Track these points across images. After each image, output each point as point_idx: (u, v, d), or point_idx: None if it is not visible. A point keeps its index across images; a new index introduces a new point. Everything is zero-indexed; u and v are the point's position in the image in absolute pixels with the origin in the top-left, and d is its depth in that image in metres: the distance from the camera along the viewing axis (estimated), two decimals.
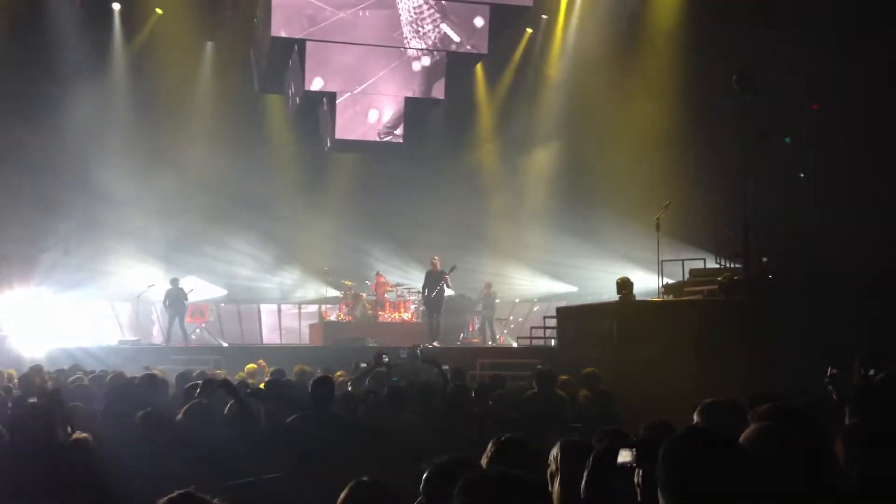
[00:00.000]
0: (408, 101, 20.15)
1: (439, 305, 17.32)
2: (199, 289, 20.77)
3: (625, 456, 2.72)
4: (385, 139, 20.35)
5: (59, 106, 18.79)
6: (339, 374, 9.61)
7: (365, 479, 2.75)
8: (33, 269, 17.99)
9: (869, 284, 10.89)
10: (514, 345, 17.63)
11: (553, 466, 3.20)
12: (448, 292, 17.64)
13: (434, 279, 17.24)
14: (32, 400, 6.44)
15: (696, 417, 4.34)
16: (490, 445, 3.42)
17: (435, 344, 16.35)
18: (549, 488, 3.08)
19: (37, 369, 9.92)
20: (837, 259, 12.01)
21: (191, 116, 21.14)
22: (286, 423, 5.58)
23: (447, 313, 17.79)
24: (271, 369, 9.85)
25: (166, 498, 2.15)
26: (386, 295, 19.89)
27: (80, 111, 19.93)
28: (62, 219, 19.30)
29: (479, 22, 19.40)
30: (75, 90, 19.52)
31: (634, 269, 13.86)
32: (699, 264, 14.11)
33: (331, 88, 19.80)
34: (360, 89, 19.90)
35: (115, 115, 20.61)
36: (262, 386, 7.41)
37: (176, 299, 18.14)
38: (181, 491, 2.17)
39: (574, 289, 21.20)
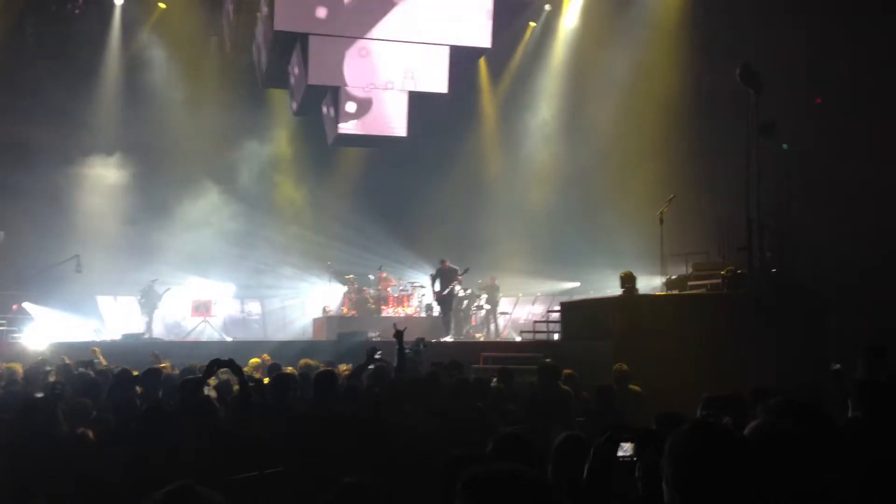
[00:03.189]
0: (411, 94, 20.11)
1: (450, 303, 17.52)
2: (204, 285, 20.84)
3: (625, 449, 2.72)
4: (388, 133, 20.31)
5: (61, 103, 18.76)
6: (343, 368, 9.63)
7: (351, 480, 2.73)
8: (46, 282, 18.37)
9: (873, 279, 10.88)
10: (518, 339, 17.63)
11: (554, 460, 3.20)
12: (458, 290, 17.87)
13: (445, 277, 17.36)
14: (39, 395, 6.45)
15: (699, 411, 4.35)
16: (492, 440, 3.42)
17: (448, 339, 16.54)
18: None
19: (42, 363, 9.96)
20: (841, 253, 11.99)
21: (194, 111, 21.15)
22: (288, 417, 5.58)
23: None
24: (271, 364, 9.85)
25: (164, 490, 2.15)
26: (389, 290, 19.96)
27: (83, 108, 19.99)
28: (72, 232, 19.45)
29: (482, 16, 19.34)
30: (77, 86, 19.55)
31: (638, 264, 13.81)
32: (703, 258, 14.08)
33: (334, 83, 19.77)
34: (363, 83, 19.86)
35: (117, 112, 20.64)
36: (266, 381, 7.42)
37: (149, 299, 18.63)
38: (179, 483, 2.16)
39: (576, 283, 21.19)
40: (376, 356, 7.17)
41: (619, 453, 2.70)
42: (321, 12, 18.77)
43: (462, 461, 2.89)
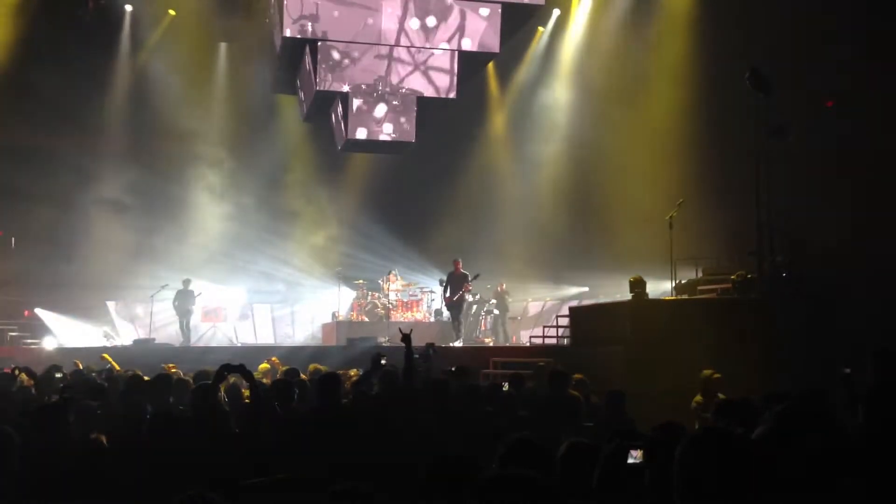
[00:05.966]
0: (420, 100, 20.13)
1: (461, 308, 17.54)
2: (214, 290, 20.89)
3: (634, 457, 2.72)
4: (397, 139, 20.35)
5: (71, 108, 18.85)
6: (353, 373, 9.64)
7: (341, 485, 2.71)
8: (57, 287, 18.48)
9: (884, 281, 10.81)
10: (527, 344, 17.60)
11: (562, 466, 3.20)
12: (468, 297, 17.90)
13: (456, 282, 17.37)
14: (55, 398, 6.48)
15: (709, 417, 4.35)
16: (503, 446, 3.42)
17: (457, 344, 16.55)
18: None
19: (53, 368, 9.99)
20: (852, 256, 11.93)
21: (203, 117, 21.25)
22: (295, 421, 5.59)
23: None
24: (284, 368, 9.88)
25: (177, 499, 2.16)
26: (399, 295, 19.97)
27: (93, 113, 20.09)
28: (82, 237, 19.55)
29: (490, 21, 19.36)
30: (87, 92, 19.65)
31: (647, 268, 13.76)
32: (713, 263, 14.02)
33: (343, 88, 19.82)
34: (371, 89, 19.90)
35: (127, 117, 20.74)
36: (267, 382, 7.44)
37: (184, 300, 18.34)
38: (190, 492, 2.18)
39: (585, 288, 21.15)
40: (382, 362, 7.16)
41: (629, 461, 2.70)
42: (329, 18, 18.81)
43: (472, 467, 2.89)
